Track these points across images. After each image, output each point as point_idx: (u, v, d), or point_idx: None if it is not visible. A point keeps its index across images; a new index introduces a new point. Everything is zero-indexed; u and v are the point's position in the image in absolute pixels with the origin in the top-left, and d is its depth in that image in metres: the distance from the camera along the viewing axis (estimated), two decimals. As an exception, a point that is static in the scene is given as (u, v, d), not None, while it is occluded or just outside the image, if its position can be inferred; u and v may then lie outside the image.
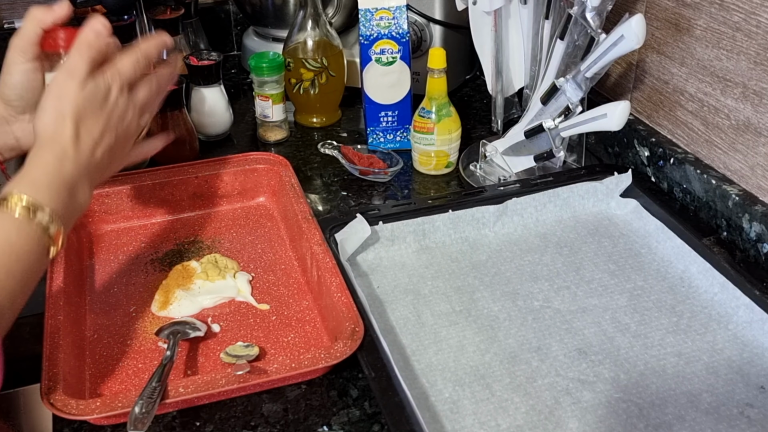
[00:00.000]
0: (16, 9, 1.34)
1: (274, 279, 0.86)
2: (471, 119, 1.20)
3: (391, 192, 1.02)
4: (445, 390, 0.72)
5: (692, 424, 0.68)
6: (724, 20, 0.84)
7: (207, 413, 0.69)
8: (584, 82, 0.91)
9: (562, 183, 0.96)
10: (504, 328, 0.79)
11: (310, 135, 1.17)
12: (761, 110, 0.82)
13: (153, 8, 1.24)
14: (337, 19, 1.26)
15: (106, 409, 0.64)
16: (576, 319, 0.80)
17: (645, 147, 0.99)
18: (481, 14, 1.03)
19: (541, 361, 0.75)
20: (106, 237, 0.93)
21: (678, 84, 0.94)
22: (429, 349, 0.76)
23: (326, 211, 0.98)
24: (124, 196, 0.95)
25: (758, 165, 0.84)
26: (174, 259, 0.89)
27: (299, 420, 0.68)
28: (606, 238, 0.92)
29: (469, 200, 0.93)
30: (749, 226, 0.84)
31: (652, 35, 0.96)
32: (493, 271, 0.87)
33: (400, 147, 1.10)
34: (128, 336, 0.78)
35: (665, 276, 0.86)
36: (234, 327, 0.80)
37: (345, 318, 0.73)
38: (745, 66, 0.83)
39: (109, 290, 0.85)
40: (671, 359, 0.75)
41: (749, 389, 0.71)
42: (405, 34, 1.03)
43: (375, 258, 0.89)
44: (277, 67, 1.09)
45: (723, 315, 0.79)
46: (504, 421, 0.68)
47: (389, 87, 1.06)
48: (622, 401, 0.70)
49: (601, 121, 0.87)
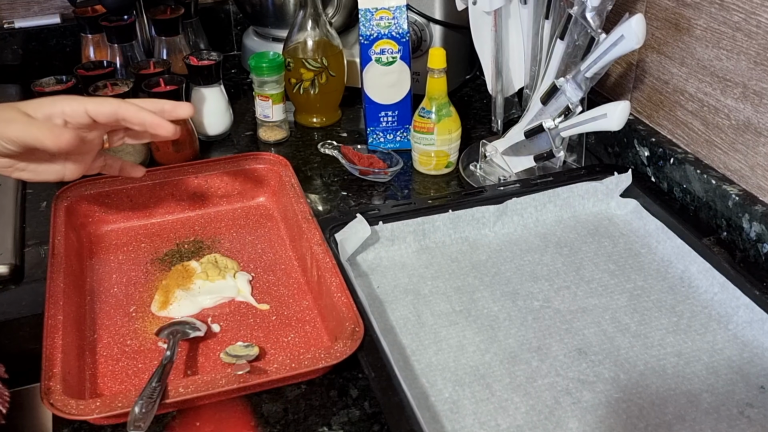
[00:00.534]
0: (16, 9, 1.34)
1: (274, 279, 0.86)
2: (471, 119, 1.20)
3: (391, 192, 1.02)
4: (445, 390, 0.72)
5: (692, 424, 0.68)
6: (724, 20, 0.84)
7: (207, 413, 0.69)
8: (584, 82, 0.91)
9: (562, 183, 0.96)
10: (504, 328, 0.79)
11: (310, 135, 1.17)
12: (761, 110, 0.82)
13: (153, 8, 1.24)
14: (337, 19, 1.26)
15: (106, 409, 0.64)
16: (576, 319, 0.80)
17: (645, 147, 0.99)
18: (481, 14, 1.03)
19: (541, 361, 0.75)
20: (106, 237, 0.93)
21: (678, 84, 0.94)
22: (429, 349, 0.76)
23: (326, 211, 0.98)
24: (124, 196, 0.95)
25: (758, 165, 0.84)
26: (174, 259, 0.89)
27: (299, 420, 0.68)
28: (606, 238, 0.92)
29: (469, 200, 0.93)
30: (749, 226, 0.84)
31: (652, 35, 0.96)
32: (493, 271, 0.87)
33: (400, 147, 1.10)
34: (128, 336, 0.78)
35: (665, 276, 0.86)
36: (234, 327, 0.80)
37: (345, 318, 0.73)
38: (745, 66, 0.83)
39: (109, 290, 0.85)
40: (671, 359, 0.75)
41: (749, 389, 0.71)
42: (405, 34, 1.03)
43: (375, 258, 0.89)
44: (277, 67, 1.09)
45: (723, 315, 0.79)
46: (504, 421, 0.68)
47: (389, 87, 1.06)
48: (622, 401, 0.70)
49: (601, 121, 0.87)
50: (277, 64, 1.09)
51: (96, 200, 0.93)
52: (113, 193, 0.94)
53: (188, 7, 1.27)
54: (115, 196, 0.94)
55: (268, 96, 1.10)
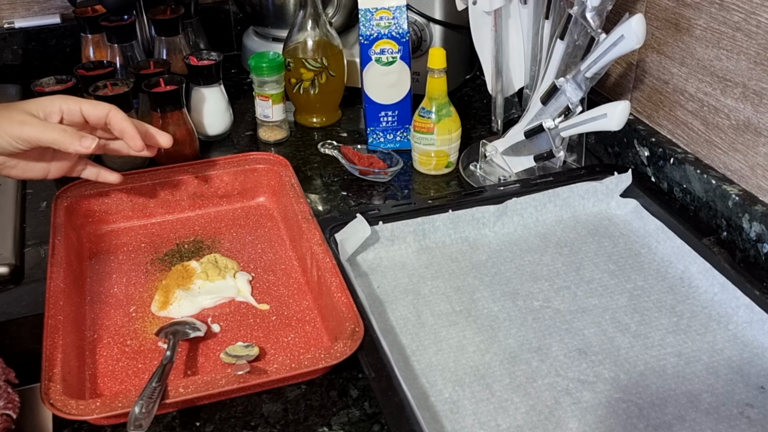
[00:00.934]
0: (17, 9, 1.34)
1: (274, 279, 0.86)
2: (471, 119, 1.20)
3: (391, 192, 1.02)
4: (445, 390, 0.72)
5: (692, 424, 0.68)
6: (724, 20, 0.84)
7: (207, 413, 0.69)
8: (584, 82, 0.91)
9: (562, 183, 0.96)
10: (504, 328, 0.79)
11: (310, 135, 1.17)
12: (761, 110, 0.82)
13: (153, 8, 1.24)
14: (337, 19, 1.26)
15: (106, 409, 0.64)
16: (576, 319, 0.80)
17: (645, 147, 0.99)
18: (481, 14, 1.03)
19: (541, 361, 0.75)
20: (106, 237, 0.93)
21: (678, 84, 0.94)
22: (429, 349, 0.76)
23: (326, 211, 0.98)
24: (124, 196, 0.95)
25: (758, 165, 0.84)
26: (174, 259, 0.89)
27: (299, 420, 0.68)
28: (606, 238, 0.92)
29: (469, 200, 0.93)
30: (749, 226, 0.84)
31: (652, 35, 0.96)
32: (493, 271, 0.87)
33: (400, 147, 1.10)
34: (128, 336, 0.78)
35: (665, 276, 0.86)
36: (234, 327, 0.80)
37: (345, 318, 0.73)
38: (745, 66, 0.83)
39: (109, 290, 0.85)
40: (671, 359, 0.75)
41: (749, 389, 0.71)
42: (405, 34, 1.03)
43: (375, 258, 0.89)
44: (277, 67, 1.09)
45: (723, 315, 0.79)
46: (504, 421, 0.68)
47: (389, 87, 1.06)
48: (622, 401, 0.70)
49: (601, 121, 0.87)
50: (277, 64, 1.09)
51: (96, 200, 0.94)
52: (113, 193, 0.94)
53: (188, 7, 1.27)
54: (115, 196, 0.94)
55: (268, 96, 1.10)
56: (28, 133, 0.78)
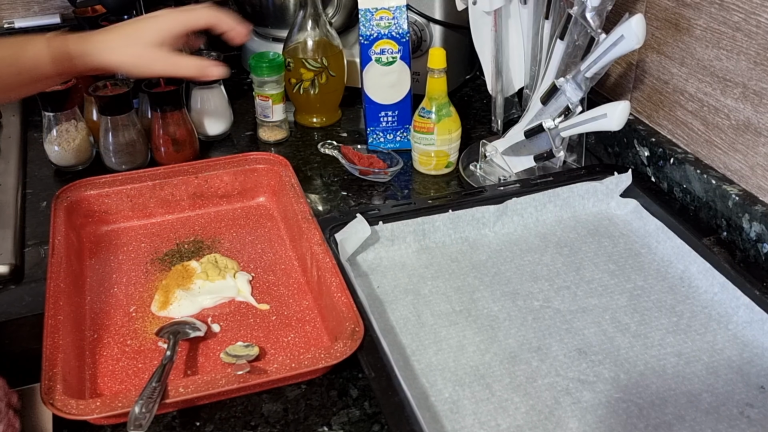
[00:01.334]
0: (16, 9, 1.34)
1: (274, 279, 0.86)
2: (471, 119, 1.20)
3: (391, 192, 1.02)
4: (445, 390, 0.72)
5: (692, 424, 0.68)
6: (724, 20, 0.84)
7: (207, 413, 0.69)
8: (584, 82, 0.91)
9: (562, 183, 0.96)
10: (504, 328, 0.79)
11: (310, 135, 1.17)
12: (761, 110, 0.82)
13: (153, 8, 1.23)
14: (337, 19, 1.26)
15: (106, 409, 0.64)
16: (576, 319, 0.80)
17: (645, 147, 0.99)
18: (481, 14, 1.03)
19: (541, 361, 0.75)
20: (106, 237, 0.93)
21: (678, 84, 0.94)
22: (429, 349, 0.76)
23: (326, 211, 0.98)
24: (124, 196, 0.95)
25: (758, 165, 0.84)
26: (174, 259, 0.89)
27: (299, 420, 0.68)
28: (606, 238, 0.92)
29: (469, 200, 0.93)
30: (749, 226, 0.84)
31: (652, 35, 0.96)
32: (493, 271, 0.87)
33: (400, 147, 1.10)
34: (128, 336, 0.78)
35: (665, 276, 0.86)
36: (234, 327, 0.80)
37: (345, 318, 0.73)
38: (745, 66, 0.83)
39: (109, 290, 0.85)
40: (671, 359, 0.75)
41: (749, 389, 0.71)
42: (405, 34, 1.03)
43: (375, 258, 0.89)
44: (277, 67, 1.09)
45: (723, 315, 0.80)
46: (504, 421, 0.68)
47: (389, 87, 1.06)
48: (622, 401, 0.70)
49: (601, 121, 0.87)
50: (277, 64, 1.09)
51: (96, 200, 0.94)
52: (113, 193, 0.94)
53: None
54: (115, 196, 0.94)
55: (268, 96, 1.10)
56: (159, 68, 0.88)
